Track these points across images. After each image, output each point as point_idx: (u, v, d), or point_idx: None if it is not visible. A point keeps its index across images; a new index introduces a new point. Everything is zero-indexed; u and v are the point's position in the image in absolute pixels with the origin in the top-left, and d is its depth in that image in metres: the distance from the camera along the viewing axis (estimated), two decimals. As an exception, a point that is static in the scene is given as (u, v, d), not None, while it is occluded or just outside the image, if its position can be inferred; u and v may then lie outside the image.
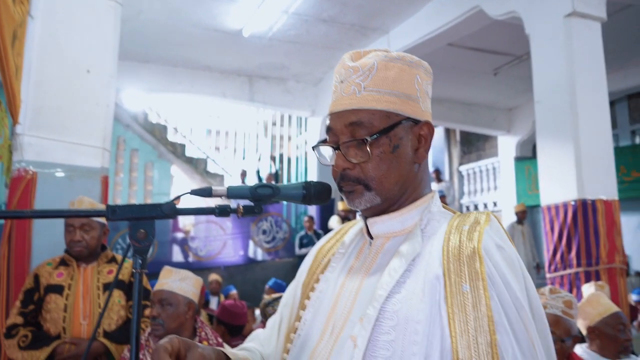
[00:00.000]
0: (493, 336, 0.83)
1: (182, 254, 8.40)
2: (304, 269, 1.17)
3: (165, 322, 2.28)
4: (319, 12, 6.72)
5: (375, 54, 0.99)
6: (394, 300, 0.90)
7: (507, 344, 0.83)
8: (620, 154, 7.92)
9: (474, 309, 0.85)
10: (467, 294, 0.86)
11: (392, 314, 0.89)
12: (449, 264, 0.90)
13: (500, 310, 0.85)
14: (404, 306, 0.89)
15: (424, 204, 1.01)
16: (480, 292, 0.85)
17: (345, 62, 0.99)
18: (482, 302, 0.85)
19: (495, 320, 0.84)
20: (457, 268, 0.89)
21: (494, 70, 8.36)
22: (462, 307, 0.85)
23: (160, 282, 2.37)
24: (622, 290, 4.43)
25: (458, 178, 12.30)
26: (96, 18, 3.45)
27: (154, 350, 0.86)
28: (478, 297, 0.85)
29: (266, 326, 1.21)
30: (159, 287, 2.36)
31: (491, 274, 0.87)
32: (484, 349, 0.82)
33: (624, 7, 6.04)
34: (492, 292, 0.86)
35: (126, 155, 10.03)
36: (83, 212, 0.93)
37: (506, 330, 0.84)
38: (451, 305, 0.86)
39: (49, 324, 2.51)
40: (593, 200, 4.50)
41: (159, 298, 2.32)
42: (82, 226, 2.60)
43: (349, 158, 0.96)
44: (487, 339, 0.82)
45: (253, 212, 0.96)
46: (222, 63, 8.63)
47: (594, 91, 4.72)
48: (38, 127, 3.15)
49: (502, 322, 0.84)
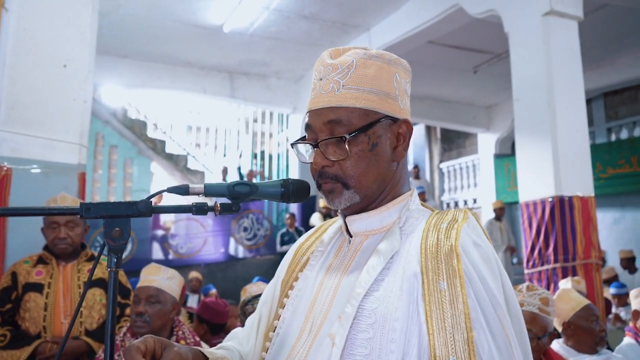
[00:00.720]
0: (470, 333, 0.83)
1: (162, 251, 8.32)
2: (283, 266, 1.17)
3: (152, 319, 2.22)
4: (301, 9, 6.71)
5: (354, 51, 0.99)
6: (372, 298, 0.90)
7: (483, 340, 0.84)
8: (597, 151, 8.07)
9: (451, 306, 0.85)
10: (444, 291, 0.87)
11: (370, 312, 0.89)
12: (427, 262, 0.90)
13: (477, 307, 0.86)
14: (382, 304, 0.89)
15: (403, 202, 1.02)
16: (458, 290, 0.86)
17: (325, 60, 0.99)
18: (459, 299, 0.85)
19: (472, 317, 0.84)
20: (434, 266, 0.89)
21: (474, 68, 8.44)
22: (439, 305, 0.86)
23: (147, 279, 2.30)
24: (597, 285, 4.52)
25: (439, 175, 12.40)
26: (73, 11, 3.38)
27: (125, 349, 0.85)
28: (455, 295, 0.86)
29: (245, 325, 1.20)
30: (146, 284, 2.29)
31: (468, 271, 0.88)
32: (460, 346, 0.83)
33: (600, 6, 6.14)
34: (469, 289, 0.87)
35: (105, 152, 9.89)
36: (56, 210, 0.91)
37: (482, 327, 0.85)
38: (429, 303, 0.86)
39: (28, 323, 2.47)
40: (570, 196, 4.57)
41: (147, 294, 2.25)
42: (66, 223, 2.57)
43: (328, 155, 0.96)
44: (464, 336, 0.83)
45: (231, 210, 0.96)
46: (202, 59, 8.56)
47: (570, 89, 4.79)
48: (13, 123, 3.09)
49: (478, 319, 0.85)
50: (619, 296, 5.57)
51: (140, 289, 2.29)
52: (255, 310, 1.18)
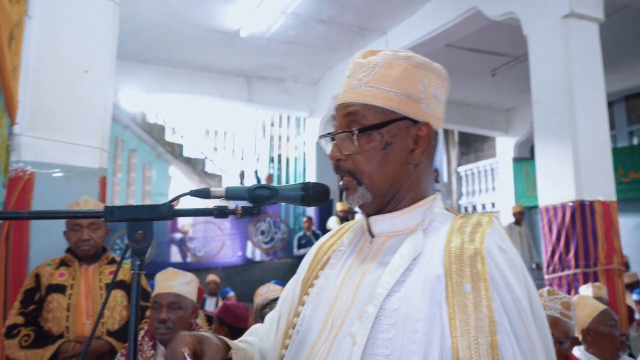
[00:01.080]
0: (494, 337, 0.82)
1: (180, 255, 8.39)
2: (304, 265, 1.17)
3: (175, 325, 2.21)
4: (317, 13, 6.73)
5: (384, 53, 1.01)
6: (394, 298, 0.90)
7: (507, 344, 0.83)
8: (618, 155, 7.92)
9: (475, 309, 0.84)
10: (468, 294, 0.86)
11: (392, 312, 0.89)
12: (451, 264, 0.90)
13: (501, 311, 0.85)
14: (403, 305, 0.89)
15: (427, 205, 1.02)
16: (482, 293, 0.85)
17: (355, 59, 1.02)
18: (483, 302, 0.85)
19: (497, 321, 0.83)
20: (458, 268, 0.89)
21: (492, 71, 8.37)
22: (462, 307, 0.85)
23: (167, 285, 2.28)
24: (620, 291, 4.44)
25: (456, 179, 12.31)
26: (94, 18, 3.44)
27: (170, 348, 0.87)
28: (479, 298, 0.85)
29: (265, 321, 1.21)
30: (166, 290, 2.26)
31: (493, 274, 0.87)
32: (484, 350, 0.82)
33: (621, 8, 6.06)
34: (494, 292, 0.86)
35: (124, 156, 10.02)
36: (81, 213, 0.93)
37: (507, 331, 0.84)
38: (452, 305, 0.86)
39: (51, 324, 2.51)
40: (591, 201, 4.50)
41: (167, 301, 2.23)
42: (89, 225, 2.61)
43: (342, 149, 0.99)
44: (488, 340, 0.82)
45: (251, 213, 0.96)
46: (220, 63, 8.63)
47: (591, 92, 4.73)
48: (36, 128, 3.14)
49: (503, 323, 0.84)
50: (642, 302, 5.46)
51: (160, 296, 2.26)
52: (276, 309, 1.19)
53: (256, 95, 9.28)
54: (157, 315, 2.22)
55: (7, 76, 2.59)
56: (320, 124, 9.54)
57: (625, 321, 4.43)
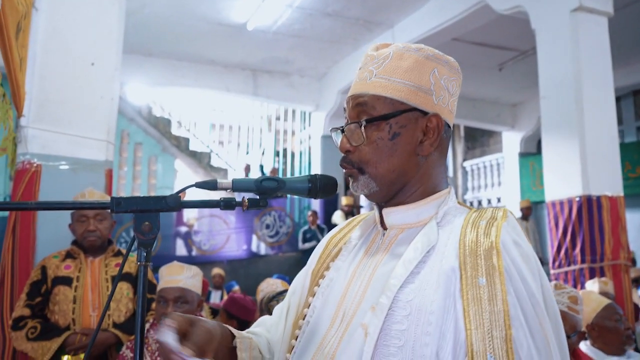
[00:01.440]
0: (508, 331, 0.82)
1: (185, 248, 8.42)
2: (314, 257, 1.17)
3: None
4: (324, 6, 6.70)
5: (396, 45, 1.01)
6: (408, 290, 0.90)
7: (522, 339, 0.83)
8: (626, 150, 7.87)
9: (489, 302, 0.85)
10: (483, 287, 0.86)
11: (405, 303, 0.89)
12: (465, 257, 0.90)
13: (516, 305, 0.85)
14: (417, 296, 0.89)
15: (441, 198, 1.02)
16: (497, 286, 0.85)
17: (368, 51, 1.03)
18: (498, 296, 0.85)
19: (511, 315, 0.83)
20: (473, 262, 0.89)
21: (499, 66, 8.32)
22: (477, 301, 0.85)
23: (172, 279, 2.26)
24: (626, 286, 4.42)
25: (462, 174, 12.27)
26: (101, 11, 3.43)
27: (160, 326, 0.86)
28: (494, 291, 0.85)
29: (273, 313, 1.21)
30: (172, 284, 2.24)
31: (509, 268, 0.87)
32: (498, 343, 0.82)
33: (631, 2, 6.00)
34: (509, 286, 0.86)
35: (130, 149, 10.04)
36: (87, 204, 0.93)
37: (522, 326, 0.84)
38: (467, 298, 0.86)
39: (57, 316, 2.52)
40: (598, 196, 4.48)
41: (174, 296, 2.22)
42: (95, 216, 2.62)
43: (351, 141, 0.99)
44: (503, 333, 0.82)
45: (258, 205, 0.96)
46: (226, 57, 8.62)
47: (599, 87, 4.69)
48: (42, 120, 3.15)
49: (518, 317, 0.84)
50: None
51: (165, 290, 2.25)
52: (285, 300, 1.19)
53: (262, 89, 9.27)
54: (164, 310, 2.22)
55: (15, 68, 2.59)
56: (326, 118, 9.52)
57: (631, 317, 4.41)
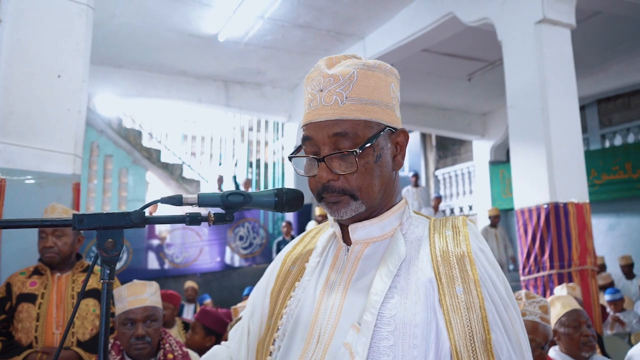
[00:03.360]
0: (488, 335, 0.86)
1: (157, 261, 8.28)
2: (271, 276, 1.14)
3: (152, 339, 2.15)
4: (295, 18, 6.73)
5: (352, 62, 0.99)
6: (390, 305, 0.91)
7: (501, 342, 0.87)
8: (591, 158, 8.10)
9: (468, 310, 0.88)
10: (460, 296, 0.89)
11: (390, 319, 0.89)
12: (439, 267, 0.92)
13: (493, 310, 0.89)
14: (400, 311, 0.90)
15: (401, 210, 1.03)
16: (474, 294, 0.89)
17: (323, 70, 0.98)
18: (476, 303, 0.88)
19: (489, 320, 0.87)
20: (448, 271, 0.91)
21: (468, 76, 8.48)
22: (456, 309, 0.88)
23: (138, 299, 2.19)
24: (593, 291, 4.52)
25: (434, 182, 12.42)
26: (67, 22, 3.38)
27: None
28: (472, 299, 0.88)
29: (229, 339, 1.17)
30: (139, 304, 2.17)
31: (482, 276, 0.91)
32: (480, 347, 0.85)
33: (592, 14, 6.19)
34: (485, 293, 0.90)
35: (100, 161, 9.86)
36: (48, 222, 0.91)
37: (500, 329, 0.88)
38: (446, 308, 0.88)
39: (20, 334, 2.45)
40: (565, 203, 4.58)
41: (144, 315, 2.16)
42: (54, 232, 2.56)
43: (334, 169, 0.95)
44: (483, 338, 0.86)
45: (224, 220, 0.96)
46: (197, 68, 8.57)
47: (564, 96, 4.82)
48: (7, 134, 3.08)
49: (495, 321, 0.88)
50: (615, 302, 5.57)
51: (133, 312, 2.17)
52: (240, 324, 1.15)
53: (234, 100, 9.24)
54: (134, 332, 2.15)
55: (-24, 81, 2.53)
56: (299, 128, 9.51)
57: (599, 320, 4.50)
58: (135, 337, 2.15)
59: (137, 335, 2.14)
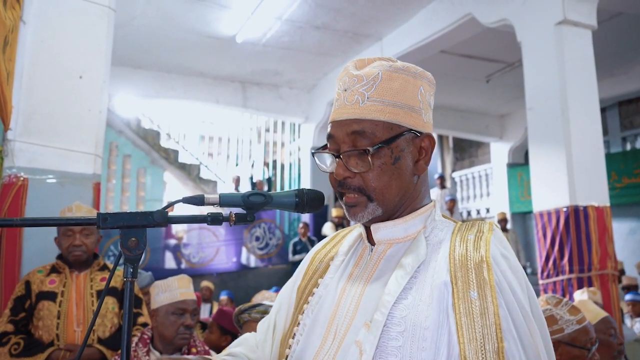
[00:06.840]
0: (500, 343, 0.83)
1: (174, 261, 8.34)
2: (299, 273, 1.16)
3: (194, 330, 2.34)
4: (313, 19, 6.75)
5: (380, 63, 0.99)
6: (402, 306, 0.90)
7: (514, 351, 0.84)
8: (612, 161, 7.98)
9: (481, 316, 0.85)
10: (475, 301, 0.87)
11: (400, 319, 0.89)
12: (456, 271, 0.91)
13: (508, 318, 0.86)
14: (411, 312, 0.89)
15: (427, 213, 1.02)
16: (489, 300, 0.87)
17: (350, 71, 0.99)
18: (490, 309, 0.86)
19: (503, 328, 0.85)
20: (464, 276, 0.90)
21: (486, 77, 8.41)
22: (469, 314, 0.86)
23: (188, 291, 2.38)
24: (614, 296, 4.45)
25: (451, 184, 12.34)
26: (89, 23, 3.43)
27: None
28: (486, 305, 0.86)
29: (257, 330, 1.19)
30: (190, 297, 2.36)
31: (499, 281, 0.89)
32: (491, 356, 0.83)
33: (614, 15, 6.10)
34: (501, 299, 0.87)
35: (119, 162, 9.96)
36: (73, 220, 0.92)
37: (514, 338, 0.85)
38: (459, 312, 0.87)
39: (41, 332, 2.49)
40: (585, 206, 4.52)
41: (193, 307, 2.35)
42: (82, 230, 2.60)
43: (350, 167, 0.96)
44: (495, 346, 0.83)
45: (245, 220, 0.96)
46: (215, 69, 8.63)
47: (585, 98, 4.75)
48: (29, 133, 3.13)
49: (509, 330, 0.85)
50: (634, 303, 5.44)
51: (187, 302, 2.35)
52: (268, 317, 1.18)
53: (251, 101, 9.28)
54: (184, 321, 2.30)
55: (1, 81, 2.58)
56: (316, 129, 9.55)
57: (620, 326, 4.43)
58: (185, 327, 2.29)
59: (187, 325, 2.30)
